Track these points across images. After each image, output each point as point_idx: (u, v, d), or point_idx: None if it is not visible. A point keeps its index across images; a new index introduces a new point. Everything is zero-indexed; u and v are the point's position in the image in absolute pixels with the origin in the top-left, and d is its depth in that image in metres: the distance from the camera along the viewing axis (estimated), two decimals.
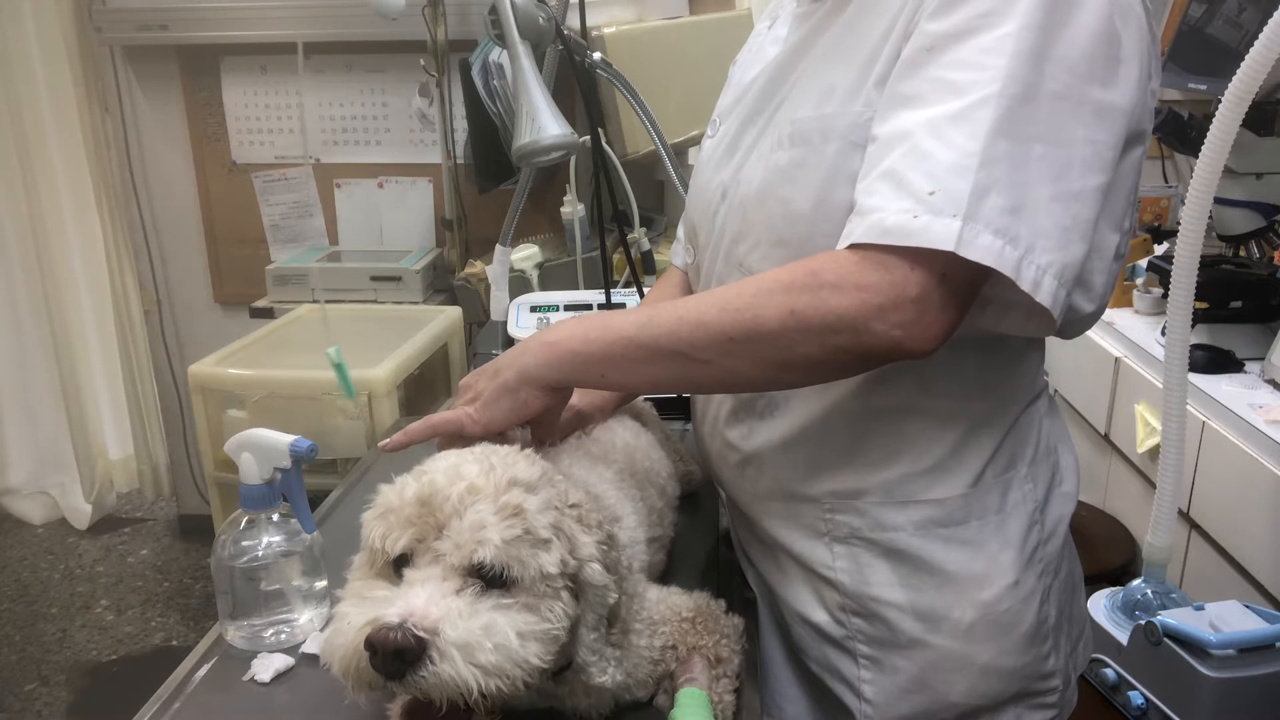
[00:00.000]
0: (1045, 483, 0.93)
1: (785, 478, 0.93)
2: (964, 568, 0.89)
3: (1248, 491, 1.56)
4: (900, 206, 0.73)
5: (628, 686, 0.84)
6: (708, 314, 0.78)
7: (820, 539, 0.92)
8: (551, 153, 1.29)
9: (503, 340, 1.74)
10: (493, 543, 0.70)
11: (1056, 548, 0.94)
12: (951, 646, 0.89)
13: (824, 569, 0.93)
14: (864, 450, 0.89)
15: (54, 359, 3.10)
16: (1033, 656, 0.91)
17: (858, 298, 0.73)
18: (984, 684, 0.90)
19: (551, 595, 0.72)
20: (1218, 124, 1.32)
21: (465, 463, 0.76)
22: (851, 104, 0.82)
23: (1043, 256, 0.73)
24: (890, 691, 0.92)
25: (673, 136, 1.78)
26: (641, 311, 0.83)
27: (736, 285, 0.80)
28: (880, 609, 0.91)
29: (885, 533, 0.90)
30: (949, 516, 0.89)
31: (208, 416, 1.91)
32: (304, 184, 2.83)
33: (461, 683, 0.66)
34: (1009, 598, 0.89)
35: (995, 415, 0.90)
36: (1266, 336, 1.78)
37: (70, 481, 3.27)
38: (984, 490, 0.89)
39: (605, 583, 0.75)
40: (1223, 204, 2.00)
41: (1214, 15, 2.14)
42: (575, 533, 0.75)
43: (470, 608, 0.69)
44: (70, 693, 2.49)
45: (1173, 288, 1.42)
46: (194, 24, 2.65)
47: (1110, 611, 1.59)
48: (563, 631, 0.73)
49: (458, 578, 0.71)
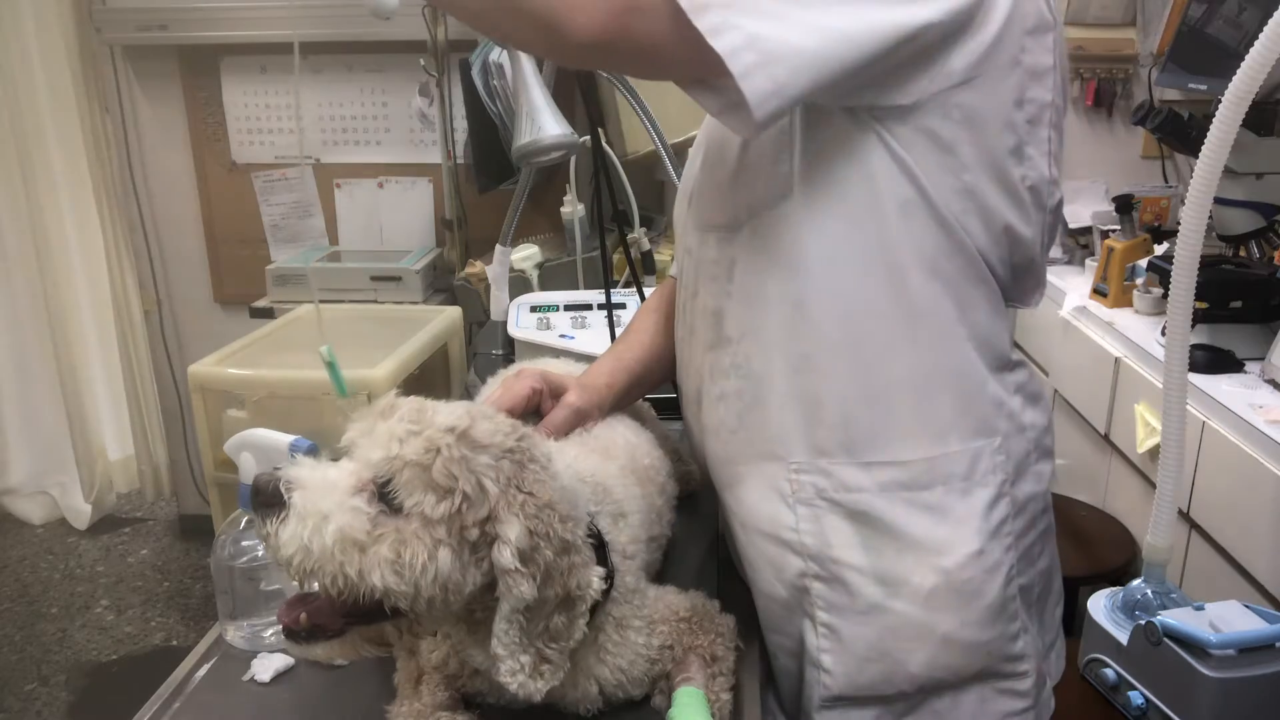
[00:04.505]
0: (1018, 459, 0.94)
1: (756, 436, 0.94)
2: (927, 533, 0.89)
3: (1248, 491, 1.56)
4: None
5: (623, 684, 0.84)
6: None
7: (784, 500, 0.93)
8: (551, 153, 1.29)
9: (503, 340, 1.74)
10: (386, 454, 0.72)
11: (1025, 524, 0.94)
12: (911, 612, 0.89)
13: (788, 532, 0.93)
14: (827, 409, 0.90)
15: (54, 359, 3.10)
16: (997, 633, 0.91)
17: None
18: (944, 655, 0.90)
19: (426, 542, 0.71)
20: (1218, 124, 1.32)
21: (458, 406, 0.77)
22: None
23: (752, 25, 0.74)
24: (848, 661, 0.92)
25: (673, 136, 1.78)
26: None
27: None
28: (841, 571, 0.91)
29: (849, 494, 0.90)
30: (913, 480, 0.89)
31: (207, 416, 1.91)
32: (304, 184, 2.83)
33: (285, 548, 0.70)
34: (971, 567, 0.89)
35: (958, 378, 0.91)
36: (1266, 336, 1.78)
37: (70, 481, 3.27)
38: (950, 456, 0.90)
39: (512, 567, 0.72)
40: (1223, 204, 2.00)
41: (1214, 15, 2.15)
42: (500, 507, 0.73)
43: (340, 503, 0.71)
44: (70, 693, 2.49)
45: (1173, 288, 1.42)
46: (194, 24, 2.66)
47: (1110, 611, 1.59)
48: (429, 584, 0.71)
49: (362, 481, 0.73)
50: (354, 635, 0.76)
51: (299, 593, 0.75)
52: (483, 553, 0.73)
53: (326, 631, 0.75)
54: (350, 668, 0.95)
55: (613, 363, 1.11)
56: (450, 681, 0.86)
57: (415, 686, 0.86)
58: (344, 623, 0.75)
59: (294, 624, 0.75)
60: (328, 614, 0.74)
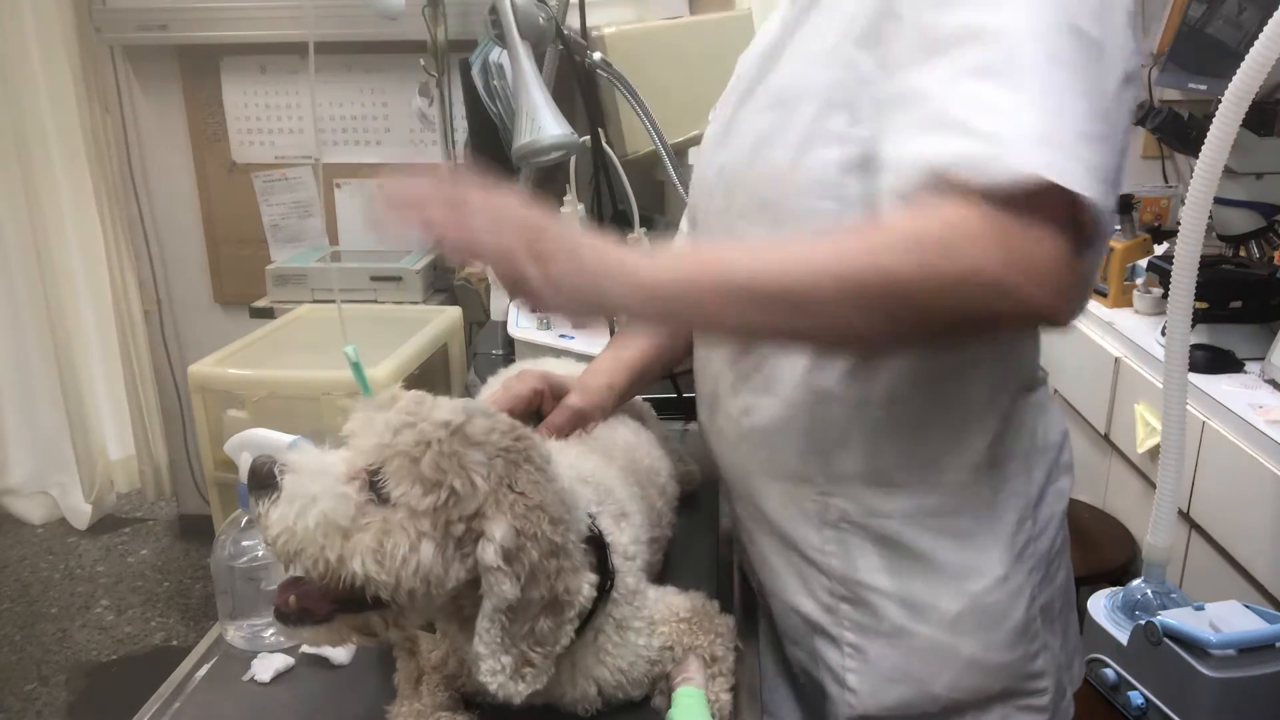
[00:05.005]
0: (1040, 479, 0.93)
1: (781, 457, 0.93)
2: (953, 559, 0.89)
3: (1248, 491, 1.56)
4: (976, 148, 0.68)
5: (622, 685, 0.84)
6: (826, 261, 0.70)
7: (811, 521, 0.92)
8: (551, 153, 1.30)
9: (503, 340, 1.74)
10: (379, 443, 0.73)
11: (1047, 545, 0.93)
12: (937, 636, 0.89)
13: (814, 552, 0.92)
14: (856, 434, 0.89)
15: (54, 359, 3.10)
16: (1020, 654, 0.91)
17: (998, 258, 0.66)
18: (968, 677, 0.90)
19: (409, 534, 0.71)
20: (1218, 124, 1.32)
21: (458, 402, 0.77)
22: (830, 64, 0.82)
23: (1095, 187, 0.69)
24: (874, 681, 0.91)
25: (673, 136, 1.78)
26: (749, 251, 0.77)
27: (847, 233, 0.74)
28: (867, 595, 0.91)
29: (875, 519, 0.89)
30: (939, 506, 0.89)
31: (208, 416, 1.91)
32: (304, 184, 2.83)
33: (273, 527, 0.72)
34: (997, 591, 0.89)
35: (989, 405, 0.89)
36: (1266, 336, 1.78)
37: (70, 481, 3.27)
38: (976, 482, 0.89)
39: (495, 565, 0.72)
40: (1223, 204, 2.00)
41: (1214, 15, 2.14)
42: (489, 505, 0.73)
43: (329, 488, 0.72)
44: (70, 693, 2.49)
45: (1173, 288, 1.42)
46: (194, 24, 2.66)
47: (1110, 611, 1.59)
48: (409, 575, 0.71)
49: (355, 469, 0.74)
50: (340, 622, 0.76)
51: (292, 576, 0.76)
52: (468, 549, 0.73)
53: (314, 616, 0.75)
54: (350, 668, 0.95)
55: (612, 362, 1.10)
56: (450, 681, 0.86)
57: (415, 686, 0.86)
58: (331, 609, 0.75)
59: (283, 605, 0.76)
60: (316, 599, 0.75)
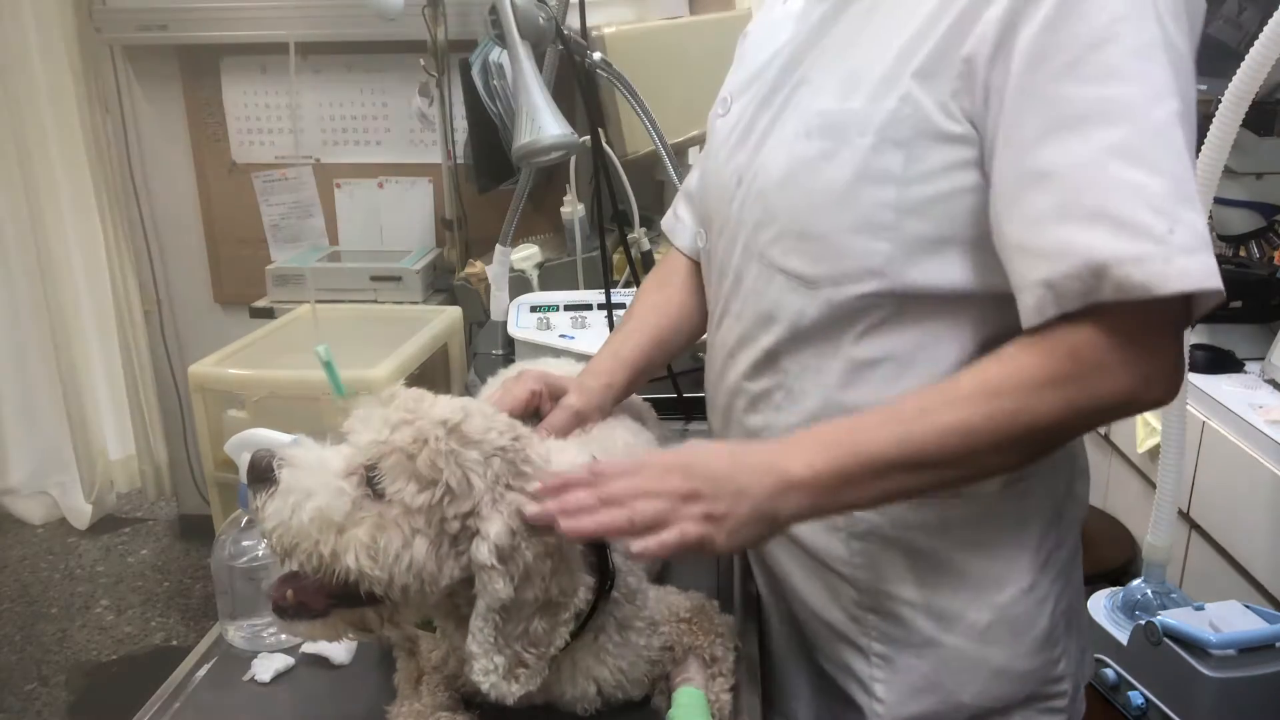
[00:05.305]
0: (1062, 488, 0.93)
1: None
2: (981, 570, 0.89)
3: (1248, 491, 1.56)
4: (1139, 251, 0.68)
5: (622, 685, 0.84)
6: (972, 420, 0.73)
7: (837, 534, 0.92)
8: (551, 153, 1.29)
9: (503, 340, 1.74)
10: (376, 439, 0.73)
11: (1069, 553, 0.94)
12: (965, 647, 0.89)
13: (841, 565, 0.92)
14: None
15: (54, 359, 3.10)
16: (1044, 660, 0.91)
17: (1129, 379, 0.72)
18: (996, 686, 0.90)
19: (404, 530, 0.71)
20: (1218, 124, 1.32)
21: (457, 401, 0.77)
22: (886, 98, 0.79)
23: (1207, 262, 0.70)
24: (902, 690, 0.91)
25: (673, 136, 1.78)
26: (885, 423, 0.76)
27: (983, 377, 0.75)
28: (895, 606, 0.91)
29: (905, 531, 0.89)
30: (967, 518, 0.88)
31: (208, 416, 1.91)
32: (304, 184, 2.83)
33: (269, 521, 0.72)
34: (1024, 601, 0.89)
35: None
36: (1266, 336, 1.78)
37: (70, 481, 3.27)
38: (1003, 493, 0.89)
39: (489, 564, 0.71)
40: (1223, 204, 2.00)
41: (1214, 15, 2.14)
42: (484, 503, 0.73)
43: (325, 482, 0.72)
44: (70, 693, 2.49)
45: None
46: (194, 24, 2.65)
47: (1110, 611, 1.59)
48: (403, 571, 0.71)
49: (353, 465, 0.74)
50: (336, 617, 0.76)
51: (290, 570, 0.76)
52: (463, 546, 0.73)
53: (311, 610, 0.76)
54: (350, 668, 0.95)
55: (611, 361, 1.09)
56: (450, 681, 0.86)
57: (415, 686, 0.86)
58: (327, 604, 0.75)
59: (281, 599, 0.76)
60: (313, 593, 0.75)
